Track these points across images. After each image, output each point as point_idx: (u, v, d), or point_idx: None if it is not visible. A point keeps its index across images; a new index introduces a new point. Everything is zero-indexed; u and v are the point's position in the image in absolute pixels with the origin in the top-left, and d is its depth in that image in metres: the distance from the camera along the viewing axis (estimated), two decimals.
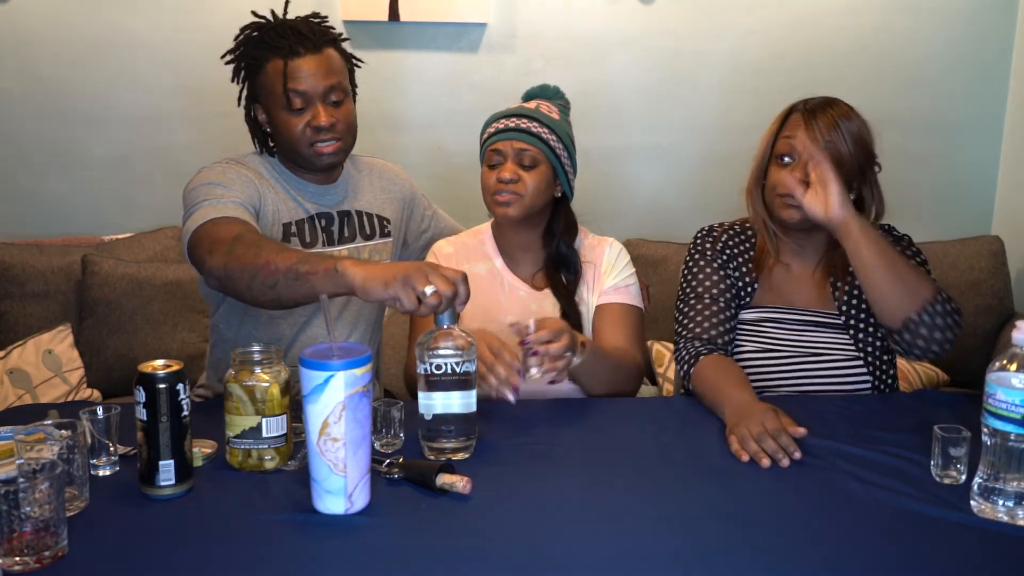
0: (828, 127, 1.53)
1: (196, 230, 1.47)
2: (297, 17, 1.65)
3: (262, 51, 1.60)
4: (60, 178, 2.79)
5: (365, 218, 1.76)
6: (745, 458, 1.28)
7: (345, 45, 1.70)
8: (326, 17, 1.70)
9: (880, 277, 1.47)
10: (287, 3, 1.69)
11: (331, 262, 1.28)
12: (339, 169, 1.76)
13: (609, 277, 1.72)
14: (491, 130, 1.68)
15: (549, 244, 1.73)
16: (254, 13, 1.67)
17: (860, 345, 1.61)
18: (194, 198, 1.55)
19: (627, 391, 1.65)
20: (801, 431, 1.30)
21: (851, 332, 1.61)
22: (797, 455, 1.26)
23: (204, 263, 1.42)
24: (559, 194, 1.72)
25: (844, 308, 1.62)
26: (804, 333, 1.62)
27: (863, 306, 1.61)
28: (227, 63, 1.66)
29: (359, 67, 1.75)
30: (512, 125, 1.65)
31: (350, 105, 1.66)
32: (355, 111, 1.68)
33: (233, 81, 1.67)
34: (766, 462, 1.26)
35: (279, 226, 1.65)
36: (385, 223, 1.79)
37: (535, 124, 1.65)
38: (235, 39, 1.65)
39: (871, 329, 1.61)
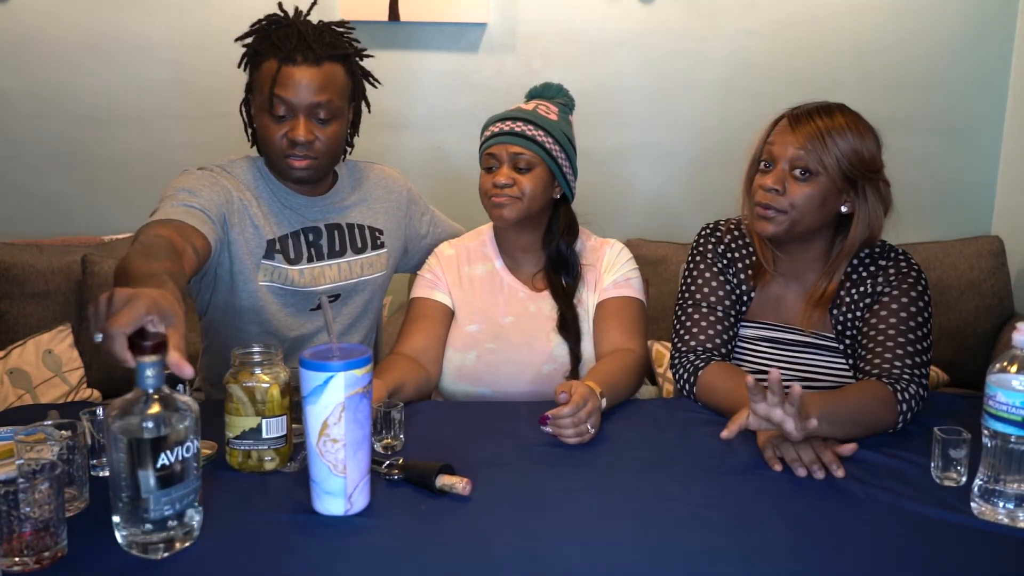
0: (809, 136, 1.46)
1: (140, 227, 1.42)
2: (320, 22, 1.60)
3: (264, 47, 1.56)
4: (60, 178, 2.79)
5: (356, 231, 1.73)
6: (779, 467, 1.27)
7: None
8: (353, 28, 1.66)
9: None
10: (313, 4, 1.65)
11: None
12: (328, 180, 1.72)
13: (609, 274, 1.72)
14: (487, 133, 1.68)
15: (549, 245, 1.73)
16: (280, 6, 1.64)
17: (855, 368, 1.54)
18: (161, 197, 1.52)
19: (636, 389, 1.64)
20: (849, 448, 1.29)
21: (846, 356, 1.55)
22: (839, 473, 1.24)
23: None
24: (558, 195, 1.71)
25: (841, 329, 1.56)
26: (798, 355, 1.58)
27: (863, 328, 1.53)
28: (241, 44, 1.62)
29: (375, 86, 1.71)
30: (507, 129, 1.65)
31: (338, 127, 1.59)
32: (344, 133, 1.63)
33: (239, 67, 1.64)
34: (802, 472, 1.25)
35: (264, 242, 1.62)
36: (378, 234, 1.76)
37: (530, 127, 1.64)
38: (251, 25, 1.61)
39: None
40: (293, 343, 1.68)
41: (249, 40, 1.62)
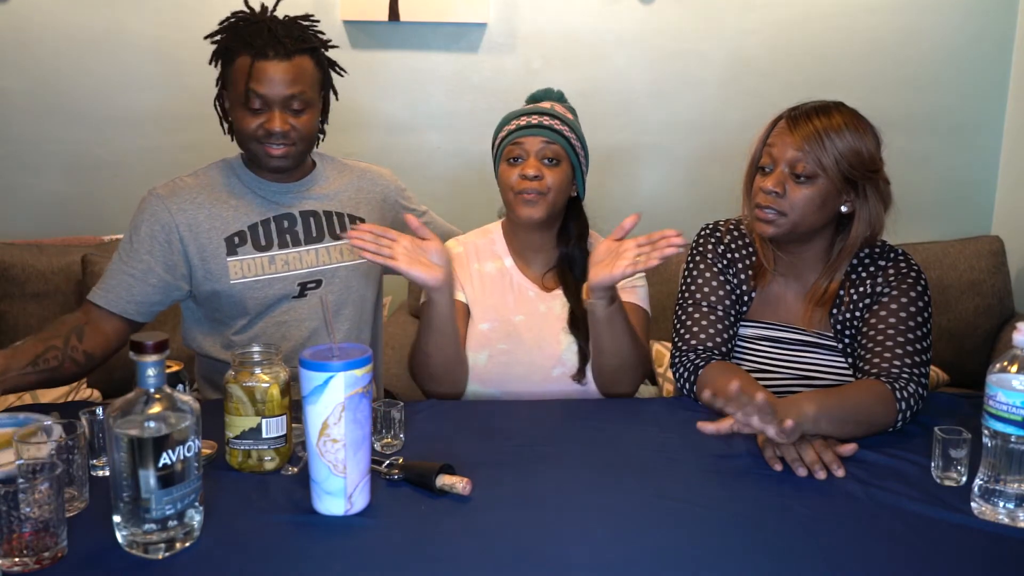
0: (807, 137, 1.46)
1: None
2: (286, 17, 1.64)
3: (236, 43, 1.60)
4: (60, 178, 2.79)
5: (335, 218, 1.74)
6: (779, 467, 1.27)
7: (343, 47, 1.69)
8: (317, 20, 1.69)
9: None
10: (277, 1, 1.69)
11: None
12: (305, 167, 1.75)
13: None
14: (511, 127, 1.67)
15: (562, 245, 1.72)
16: (246, 3, 1.67)
17: (855, 368, 1.54)
18: (120, 248, 1.67)
19: (627, 381, 1.63)
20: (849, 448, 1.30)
21: (846, 355, 1.56)
22: (840, 472, 1.25)
23: None
24: (573, 194, 1.71)
25: (840, 328, 1.56)
26: (798, 354, 1.58)
27: (862, 328, 1.54)
28: (211, 42, 1.66)
29: (341, 75, 1.74)
30: (535, 122, 1.65)
31: (311, 115, 1.64)
32: (317, 121, 1.68)
33: (210, 63, 1.67)
34: (802, 472, 1.25)
35: (221, 241, 1.66)
36: (359, 223, 1.76)
37: (556, 122, 1.65)
38: (220, 23, 1.65)
39: None
40: (281, 331, 1.70)
41: (218, 37, 1.65)
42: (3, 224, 2.76)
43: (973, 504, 1.15)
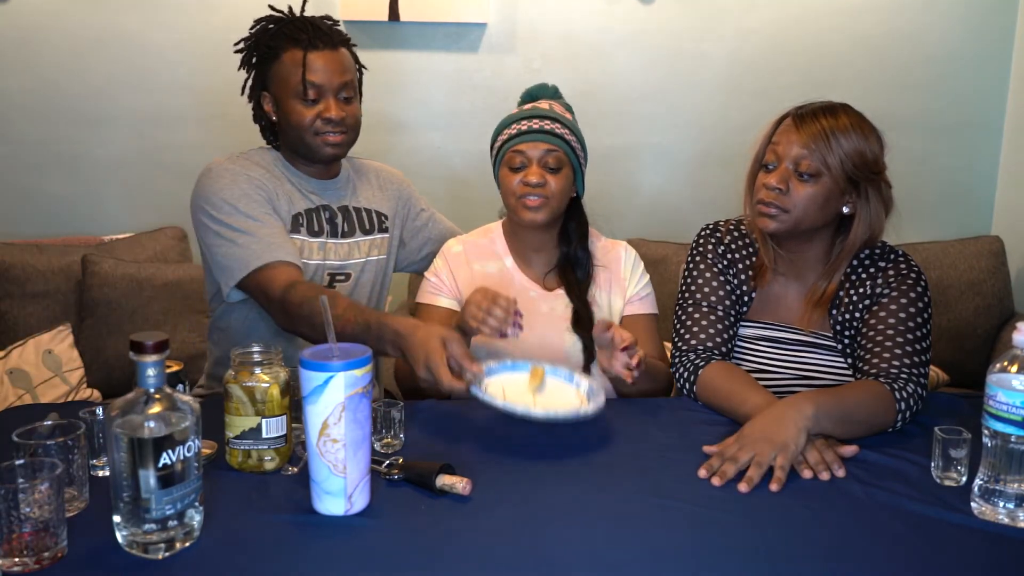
0: (814, 136, 1.46)
1: (252, 276, 1.56)
2: (313, 16, 1.70)
3: (280, 41, 1.65)
4: (60, 178, 2.79)
5: (364, 214, 1.79)
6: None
7: None
8: (338, 21, 1.74)
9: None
10: (304, 2, 1.74)
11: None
12: (338, 165, 1.80)
13: (631, 286, 1.73)
14: (511, 131, 1.66)
15: (563, 245, 1.73)
16: (271, 7, 1.73)
17: (854, 368, 1.54)
18: (229, 219, 1.59)
19: (651, 393, 1.64)
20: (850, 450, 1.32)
21: (846, 355, 1.56)
22: (840, 472, 1.25)
23: (269, 309, 1.57)
24: (573, 194, 1.72)
25: (840, 329, 1.56)
26: (798, 354, 1.58)
27: (862, 328, 1.54)
28: (237, 51, 1.70)
29: (363, 71, 1.79)
30: (536, 127, 1.64)
31: (358, 105, 1.72)
32: (361, 112, 1.74)
33: (240, 69, 1.71)
34: (807, 473, 1.25)
35: (289, 217, 1.69)
36: (383, 218, 1.82)
37: (557, 125, 1.65)
38: (251, 29, 1.70)
39: None
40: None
41: (251, 41, 1.70)
42: (3, 224, 2.77)
43: (973, 504, 1.15)
